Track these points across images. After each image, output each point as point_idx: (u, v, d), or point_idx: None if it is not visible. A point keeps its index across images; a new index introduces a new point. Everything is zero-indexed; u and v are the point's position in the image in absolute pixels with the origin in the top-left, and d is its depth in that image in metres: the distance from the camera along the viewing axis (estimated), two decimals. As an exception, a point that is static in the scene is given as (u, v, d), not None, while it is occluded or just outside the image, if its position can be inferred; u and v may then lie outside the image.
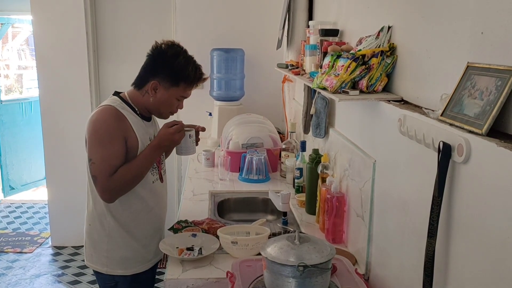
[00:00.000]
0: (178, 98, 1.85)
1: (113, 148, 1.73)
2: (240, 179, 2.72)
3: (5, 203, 5.22)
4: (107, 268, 1.87)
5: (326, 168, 2.06)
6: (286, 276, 1.22)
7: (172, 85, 1.81)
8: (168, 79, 1.80)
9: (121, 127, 1.76)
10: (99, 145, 1.74)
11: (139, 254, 1.89)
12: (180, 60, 1.80)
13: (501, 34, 0.96)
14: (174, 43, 1.84)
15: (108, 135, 1.74)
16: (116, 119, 1.76)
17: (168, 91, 1.81)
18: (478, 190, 0.96)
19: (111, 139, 1.74)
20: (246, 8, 3.69)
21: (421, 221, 1.19)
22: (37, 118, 4.51)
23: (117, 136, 1.74)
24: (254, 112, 3.27)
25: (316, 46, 2.13)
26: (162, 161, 1.98)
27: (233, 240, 1.73)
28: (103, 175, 1.72)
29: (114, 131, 1.74)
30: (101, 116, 1.77)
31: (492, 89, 0.96)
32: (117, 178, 1.73)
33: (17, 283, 3.48)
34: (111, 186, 1.74)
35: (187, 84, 1.83)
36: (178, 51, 1.82)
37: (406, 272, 1.33)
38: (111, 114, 1.76)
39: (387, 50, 1.52)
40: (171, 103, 1.85)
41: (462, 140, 0.98)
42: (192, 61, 1.84)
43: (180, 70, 1.80)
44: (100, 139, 1.74)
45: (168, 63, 1.79)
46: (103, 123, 1.75)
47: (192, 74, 1.82)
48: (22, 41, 7.44)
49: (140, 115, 1.85)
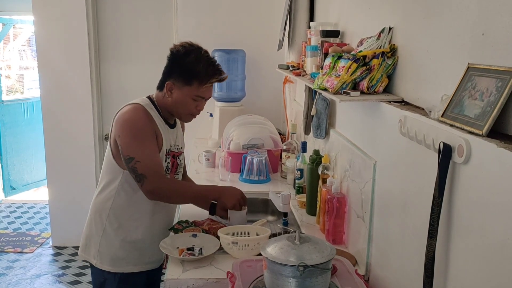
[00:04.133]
0: (194, 98, 1.82)
1: (153, 146, 1.76)
2: (240, 179, 2.73)
3: (6, 203, 5.23)
4: (96, 261, 1.87)
5: (327, 169, 2.06)
6: (287, 276, 1.23)
7: (185, 84, 1.80)
8: (180, 79, 1.80)
9: (152, 125, 1.79)
10: (140, 143, 1.73)
11: (132, 256, 1.87)
12: (191, 59, 1.79)
13: (502, 35, 0.96)
14: (188, 43, 1.83)
15: (145, 133, 1.75)
16: (147, 117, 1.78)
17: (182, 91, 1.81)
18: (478, 190, 0.96)
19: (149, 137, 1.76)
20: (247, 9, 3.70)
21: (422, 221, 1.19)
22: (38, 118, 4.51)
23: (153, 135, 1.77)
24: (255, 113, 3.28)
25: (317, 47, 2.14)
26: (177, 173, 1.95)
27: (233, 241, 1.73)
28: (154, 173, 1.72)
29: (149, 130, 1.76)
30: (134, 114, 1.77)
31: (492, 90, 0.96)
32: (168, 182, 1.79)
33: (17, 283, 3.48)
34: (161, 185, 1.75)
35: (200, 82, 1.80)
36: (189, 50, 1.81)
37: (406, 273, 1.33)
38: (142, 113, 1.78)
39: (388, 51, 1.52)
40: (186, 103, 1.83)
41: (462, 141, 0.99)
42: (204, 59, 1.81)
43: (190, 68, 1.79)
44: (140, 137, 1.74)
45: (179, 62, 1.80)
46: (138, 121, 1.76)
47: (203, 71, 1.79)
48: (23, 42, 7.45)
49: (164, 119, 1.86)
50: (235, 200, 1.86)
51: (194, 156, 3.22)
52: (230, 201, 1.86)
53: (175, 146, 1.93)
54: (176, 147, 1.94)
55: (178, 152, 1.96)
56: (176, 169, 1.93)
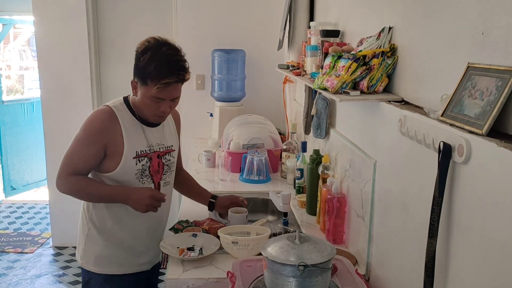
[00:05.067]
0: (151, 98, 1.68)
1: (85, 150, 1.73)
2: (240, 179, 2.72)
3: (7, 203, 5.22)
4: (82, 261, 1.86)
5: (327, 169, 2.06)
6: (287, 275, 1.23)
7: (142, 83, 1.68)
8: (138, 78, 1.70)
9: (105, 132, 1.72)
10: (76, 142, 1.75)
11: (117, 256, 1.83)
12: (146, 56, 1.65)
13: (501, 35, 0.96)
14: (155, 38, 1.69)
15: (87, 137, 1.73)
16: (103, 123, 1.73)
17: (141, 91, 1.70)
18: (478, 190, 0.96)
19: (87, 141, 1.73)
20: (247, 9, 3.70)
21: (422, 221, 1.19)
22: (38, 118, 4.52)
23: (95, 142, 1.72)
24: (255, 113, 3.28)
25: (317, 47, 2.14)
26: (166, 172, 1.86)
27: (233, 240, 1.73)
28: (62, 170, 1.76)
29: (94, 136, 1.72)
30: (92, 117, 1.76)
31: (492, 90, 0.96)
32: (72, 182, 1.76)
33: (18, 283, 3.48)
34: (62, 184, 1.77)
35: (154, 83, 1.64)
36: (148, 47, 1.66)
37: (406, 273, 1.33)
38: (102, 117, 1.74)
39: (388, 50, 1.52)
40: (146, 104, 1.70)
41: (462, 140, 0.98)
42: (160, 57, 1.64)
43: (143, 68, 1.65)
44: (79, 137, 1.74)
45: (136, 60, 1.70)
46: (89, 124, 1.74)
47: (154, 71, 1.62)
48: (23, 42, 7.46)
49: (140, 119, 1.78)
50: (143, 206, 1.70)
51: (194, 156, 3.22)
52: (139, 207, 1.71)
53: (158, 146, 1.82)
54: (161, 146, 1.83)
55: (164, 151, 1.84)
56: (162, 169, 1.84)
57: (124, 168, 1.75)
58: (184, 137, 3.98)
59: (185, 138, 3.87)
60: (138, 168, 1.77)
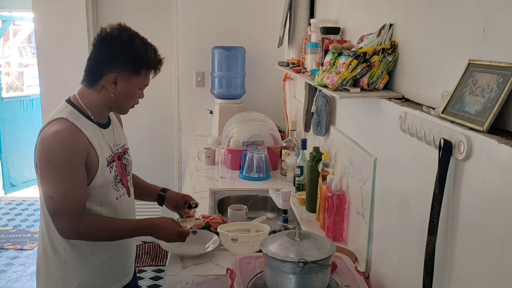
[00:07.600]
0: (141, 87, 1.61)
1: (75, 179, 1.48)
2: (240, 177, 2.72)
3: (6, 200, 5.23)
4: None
5: (327, 166, 2.06)
6: (286, 272, 1.22)
7: (133, 74, 1.56)
8: (127, 69, 1.55)
9: (80, 149, 1.49)
10: (58, 178, 1.47)
11: (99, 280, 1.62)
12: (138, 44, 1.56)
13: (502, 31, 0.96)
14: (122, 25, 1.58)
15: (67, 165, 1.46)
16: (72, 140, 1.48)
17: (130, 82, 1.57)
18: (479, 187, 0.96)
19: (71, 169, 1.47)
20: (247, 6, 3.69)
21: (422, 218, 1.19)
22: (38, 115, 4.51)
23: (77, 164, 1.48)
24: (255, 110, 3.28)
25: (317, 44, 2.13)
26: (129, 173, 1.72)
27: (233, 237, 1.73)
28: (68, 214, 1.47)
29: (73, 158, 1.47)
30: (54, 140, 1.46)
31: (493, 86, 0.96)
32: (88, 224, 1.51)
33: (17, 280, 3.48)
34: (77, 228, 1.49)
35: (148, 70, 1.59)
36: (132, 35, 1.57)
37: (406, 270, 1.33)
38: (66, 135, 1.47)
39: (389, 47, 1.52)
40: (134, 94, 1.60)
41: (463, 137, 0.98)
42: (149, 43, 1.60)
43: (140, 56, 1.56)
44: (58, 170, 1.47)
45: (125, 50, 1.55)
46: (59, 149, 1.46)
47: (153, 58, 1.58)
48: (23, 39, 7.45)
49: (96, 122, 1.59)
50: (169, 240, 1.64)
51: (194, 153, 3.22)
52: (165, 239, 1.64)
53: (115, 147, 1.66)
54: (118, 146, 1.68)
55: (122, 151, 1.70)
56: (125, 170, 1.69)
57: (103, 179, 1.56)
58: (184, 135, 4.00)
59: (184, 136, 3.89)
60: (113, 176, 1.61)
